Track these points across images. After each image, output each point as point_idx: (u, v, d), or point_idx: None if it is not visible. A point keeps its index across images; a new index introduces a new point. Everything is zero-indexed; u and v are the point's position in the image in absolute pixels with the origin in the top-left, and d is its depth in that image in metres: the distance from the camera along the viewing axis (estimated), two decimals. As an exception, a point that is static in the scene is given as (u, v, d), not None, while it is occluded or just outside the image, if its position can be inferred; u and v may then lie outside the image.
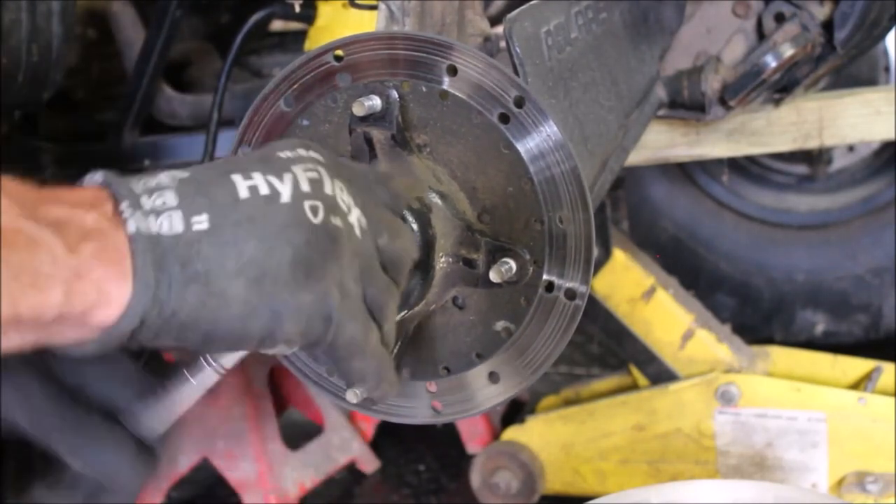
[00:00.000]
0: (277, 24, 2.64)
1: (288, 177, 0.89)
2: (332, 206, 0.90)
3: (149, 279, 0.80)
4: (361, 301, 0.93)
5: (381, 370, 0.97)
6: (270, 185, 0.87)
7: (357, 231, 0.93)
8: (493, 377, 1.16)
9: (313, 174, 0.90)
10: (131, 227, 0.81)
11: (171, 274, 0.82)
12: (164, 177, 0.86)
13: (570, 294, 1.11)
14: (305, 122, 1.17)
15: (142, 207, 0.82)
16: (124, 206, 0.82)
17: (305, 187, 0.89)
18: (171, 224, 0.82)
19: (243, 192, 0.86)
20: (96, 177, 0.85)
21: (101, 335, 0.81)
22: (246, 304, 0.85)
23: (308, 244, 0.87)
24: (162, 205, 0.83)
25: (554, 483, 2.31)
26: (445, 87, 1.11)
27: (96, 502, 0.93)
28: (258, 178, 0.88)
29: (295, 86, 1.16)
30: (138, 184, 0.84)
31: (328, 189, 0.91)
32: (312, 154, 0.93)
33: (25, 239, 0.76)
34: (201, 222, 0.83)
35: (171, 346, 0.85)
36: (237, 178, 0.87)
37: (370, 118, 1.11)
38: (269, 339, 0.88)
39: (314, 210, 0.88)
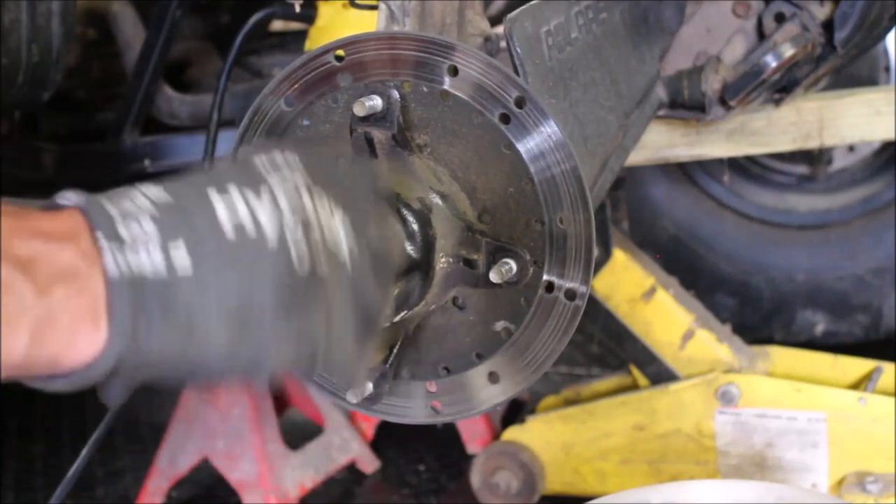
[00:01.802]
0: (277, 24, 2.64)
1: (265, 189, 0.86)
2: (316, 250, 0.87)
3: (125, 325, 0.78)
4: (351, 324, 0.92)
5: (355, 377, 0.97)
6: (252, 218, 0.84)
7: (345, 256, 0.90)
8: (492, 377, 1.16)
9: (289, 186, 0.87)
10: (110, 267, 0.78)
11: (150, 316, 0.79)
12: (139, 196, 0.82)
13: (571, 294, 1.11)
14: (306, 122, 1.17)
15: (118, 236, 0.79)
16: (101, 238, 0.79)
17: (289, 221, 0.86)
18: (151, 262, 0.79)
19: (228, 231, 0.83)
20: (71, 197, 0.81)
21: (72, 377, 0.79)
22: (229, 345, 0.83)
23: (293, 290, 0.86)
24: (141, 234, 0.80)
25: (554, 483, 2.31)
26: (446, 87, 1.11)
27: None
28: (236, 197, 0.84)
29: (296, 86, 1.16)
30: (112, 204, 0.81)
31: (307, 203, 0.88)
32: (288, 157, 0.90)
33: None
34: (182, 260, 0.81)
35: (150, 380, 0.83)
36: (215, 199, 0.84)
37: (371, 118, 1.11)
38: (252, 377, 0.87)
39: (300, 259, 0.86)
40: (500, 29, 1.31)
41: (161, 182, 0.85)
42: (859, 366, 2.29)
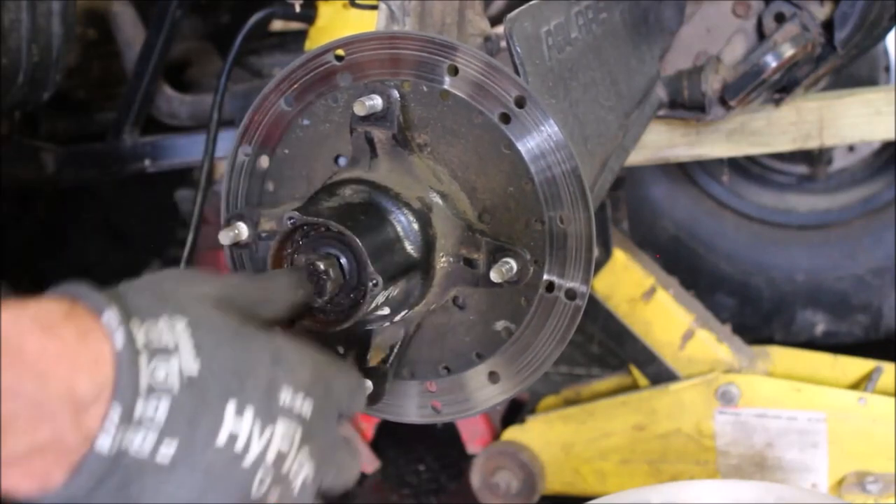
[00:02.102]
0: (277, 24, 2.64)
1: (268, 433, 0.88)
2: (276, 481, 0.90)
3: (77, 492, 0.80)
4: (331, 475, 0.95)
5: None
6: (248, 440, 0.86)
7: (296, 491, 0.92)
8: (492, 377, 1.16)
9: (285, 445, 0.89)
10: (104, 447, 0.79)
11: (107, 488, 0.80)
12: (174, 370, 0.82)
13: (571, 294, 1.11)
14: (306, 122, 1.17)
15: (130, 419, 0.80)
16: (113, 423, 0.79)
17: (271, 457, 0.88)
18: (142, 447, 0.81)
19: (222, 440, 0.85)
20: (113, 324, 0.81)
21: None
22: None
23: None
24: (151, 420, 0.81)
25: (554, 483, 2.31)
26: (446, 86, 1.11)
27: None
28: (246, 423, 0.86)
29: (296, 85, 1.16)
30: (148, 367, 0.81)
31: (287, 466, 0.90)
32: (305, 407, 0.91)
33: None
34: (164, 458, 0.82)
35: None
36: (229, 414, 0.85)
37: (371, 118, 1.11)
38: None
39: (261, 483, 0.88)
40: (500, 29, 1.31)
41: (205, 338, 0.85)
42: (859, 366, 2.29)
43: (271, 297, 0.99)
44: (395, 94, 1.11)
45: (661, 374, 2.26)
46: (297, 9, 1.92)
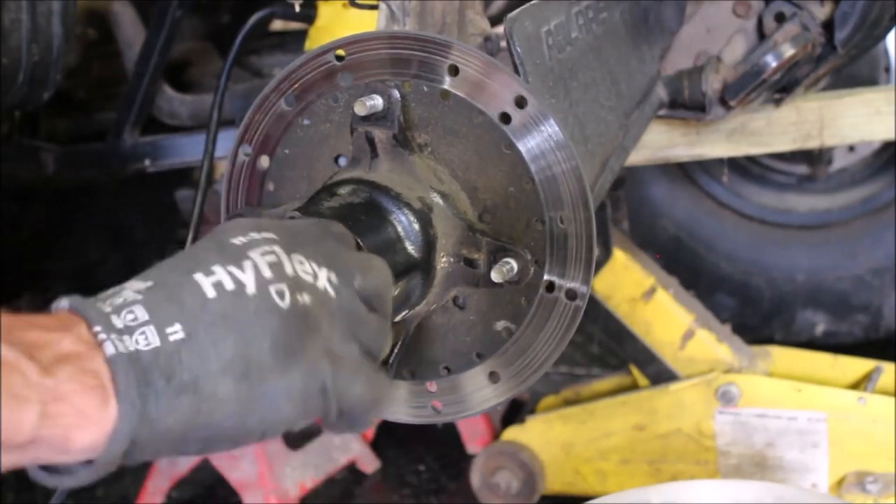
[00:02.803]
0: (277, 24, 2.64)
1: (248, 264, 0.89)
2: (296, 284, 0.90)
3: (133, 398, 0.80)
4: (356, 354, 0.94)
5: (377, 407, 0.97)
6: (234, 279, 0.87)
7: (331, 292, 0.93)
8: (493, 377, 1.16)
9: (271, 257, 0.90)
10: (109, 348, 0.80)
11: (157, 389, 0.81)
12: (128, 291, 0.85)
13: (571, 294, 1.11)
14: (306, 122, 1.17)
15: (115, 328, 0.82)
16: (98, 329, 0.81)
17: (267, 273, 0.89)
18: (147, 339, 0.82)
19: (210, 292, 0.86)
20: (62, 303, 0.84)
21: (93, 466, 0.80)
22: (238, 401, 0.85)
23: (283, 328, 0.87)
24: (133, 321, 0.82)
25: (554, 483, 2.31)
26: (447, 86, 1.11)
27: None
28: (220, 273, 0.87)
29: (296, 85, 1.16)
30: (105, 303, 0.84)
31: (288, 269, 0.91)
32: (265, 234, 0.93)
33: None
34: (176, 332, 0.83)
35: (169, 457, 0.85)
36: (200, 278, 0.87)
37: (372, 118, 1.11)
38: (270, 431, 0.88)
39: (280, 294, 0.88)
40: (500, 29, 1.30)
41: (145, 274, 0.88)
42: (859, 366, 2.29)
43: None
44: (396, 93, 1.11)
45: (661, 374, 2.26)
46: (297, 9, 1.92)
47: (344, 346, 0.92)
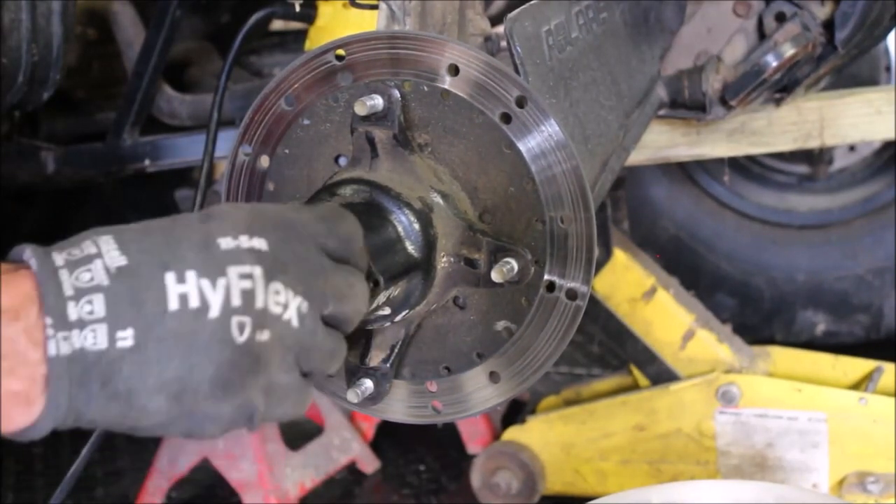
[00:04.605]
0: (277, 24, 2.64)
1: (221, 283, 0.87)
2: (260, 320, 0.89)
3: (62, 401, 0.81)
4: (294, 380, 0.93)
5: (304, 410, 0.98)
6: (201, 295, 0.86)
7: (295, 323, 0.91)
8: (493, 377, 1.16)
9: (247, 283, 0.88)
10: (51, 349, 0.81)
11: (90, 391, 0.82)
12: (99, 266, 0.84)
13: (572, 294, 1.11)
14: (306, 122, 1.17)
15: (67, 323, 0.81)
16: (49, 326, 0.81)
17: (236, 301, 0.87)
18: (95, 339, 0.82)
19: (172, 304, 0.85)
20: (32, 260, 0.83)
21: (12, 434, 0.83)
22: (166, 416, 0.86)
23: (230, 363, 0.87)
24: (90, 314, 0.82)
25: (554, 483, 2.31)
26: (447, 86, 1.11)
27: None
28: (191, 284, 0.86)
29: (296, 85, 1.16)
30: (69, 280, 0.83)
31: (259, 302, 0.89)
32: (255, 242, 0.90)
33: None
34: (126, 339, 0.83)
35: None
36: (170, 281, 0.85)
37: (372, 117, 1.11)
38: (195, 437, 0.90)
39: (241, 327, 0.87)
40: (500, 28, 1.30)
41: (128, 237, 0.87)
42: (860, 366, 2.29)
43: None
44: (396, 93, 1.11)
45: (661, 374, 2.26)
46: (297, 8, 1.92)
47: (284, 376, 0.92)
